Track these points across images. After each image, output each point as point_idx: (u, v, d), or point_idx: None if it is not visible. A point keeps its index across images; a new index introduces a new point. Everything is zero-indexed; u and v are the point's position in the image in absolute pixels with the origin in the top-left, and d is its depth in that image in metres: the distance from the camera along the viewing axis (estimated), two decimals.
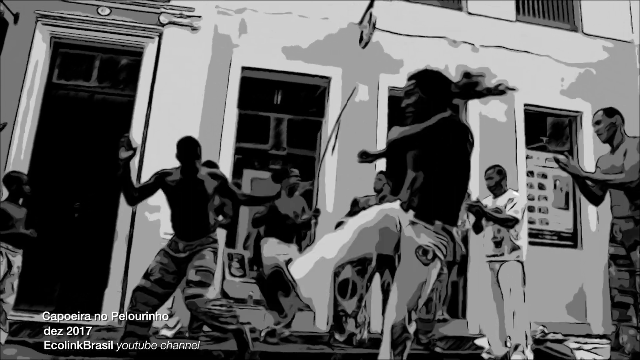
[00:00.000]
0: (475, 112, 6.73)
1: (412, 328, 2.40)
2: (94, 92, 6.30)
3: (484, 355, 4.78)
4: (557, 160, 3.57)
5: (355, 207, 5.39)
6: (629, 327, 3.51)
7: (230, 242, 6.31)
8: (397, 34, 6.61)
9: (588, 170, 3.72)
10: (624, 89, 7.01)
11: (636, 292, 3.46)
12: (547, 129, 7.08)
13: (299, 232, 5.45)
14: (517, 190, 5.17)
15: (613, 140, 3.69)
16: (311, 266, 2.36)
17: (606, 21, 7.25)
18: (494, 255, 4.67)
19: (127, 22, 6.13)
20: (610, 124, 3.69)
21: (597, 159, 3.88)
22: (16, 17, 5.96)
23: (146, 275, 3.73)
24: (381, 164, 5.93)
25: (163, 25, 6.18)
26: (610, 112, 3.75)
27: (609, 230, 3.70)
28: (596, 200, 3.82)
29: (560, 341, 5.50)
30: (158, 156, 5.87)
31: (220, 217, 5.31)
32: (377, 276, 5.33)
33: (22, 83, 5.92)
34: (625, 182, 3.43)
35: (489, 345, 4.74)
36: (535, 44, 6.96)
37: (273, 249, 5.28)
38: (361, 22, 6.33)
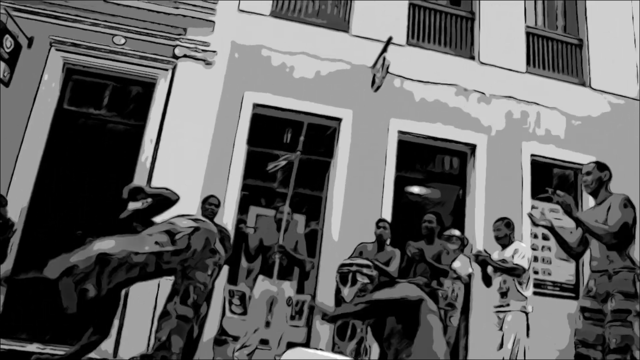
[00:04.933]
0: (482, 161, 6.78)
1: None
2: (104, 120, 6.28)
3: None
4: (554, 193, 3.67)
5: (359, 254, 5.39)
6: None
7: (232, 278, 6.24)
8: (409, 79, 6.68)
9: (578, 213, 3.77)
10: (628, 144, 7.11)
11: (602, 345, 3.50)
12: (553, 180, 7.14)
13: (289, 268, 5.39)
14: (523, 242, 5.26)
15: (598, 193, 3.78)
16: None
17: (613, 77, 7.39)
18: (500, 306, 4.77)
19: (141, 52, 6.14)
20: (599, 177, 3.77)
21: (584, 212, 4.00)
22: (30, 41, 5.96)
23: None
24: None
25: (177, 57, 6.20)
26: (602, 166, 3.83)
27: (585, 284, 3.77)
28: (575, 255, 3.96)
29: None
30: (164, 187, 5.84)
31: None
32: None
33: (31, 107, 5.89)
34: (607, 233, 3.50)
35: None
36: (544, 96, 7.07)
37: (260, 286, 5.31)
38: (374, 65, 6.39)
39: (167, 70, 6.22)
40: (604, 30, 7.66)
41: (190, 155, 6.01)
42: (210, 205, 5.34)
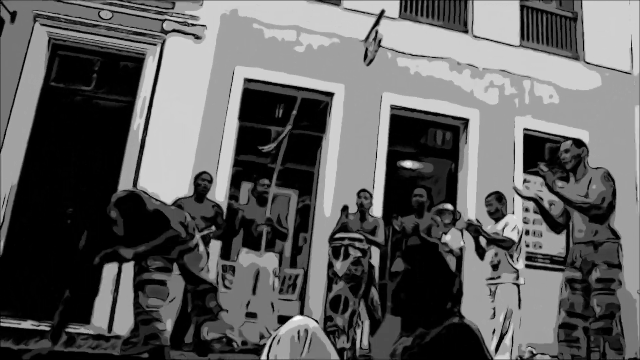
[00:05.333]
0: (475, 136, 6.77)
1: None
2: (92, 96, 6.17)
3: None
4: (539, 167, 3.76)
5: (344, 213, 5.42)
6: (570, 347, 3.64)
7: (225, 253, 6.26)
8: (402, 53, 6.61)
9: (561, 187, 3.86)
10: (621, 118, 7.12)
11: (587, 315, 3.59)
12: (546, 154, 7.15)
13: (272, 240, 5.45)
14: (515, 215, 5.30)
15: (577, 170, 3.84)
16: None
17: (607, 51, 7.36)
18: (491, 278, 4.83)
19: (129, 27, 6.01)
20: (577, 154, 3.83)
21: (562, 187, 4.00)
22: (13, 15, 5.80)
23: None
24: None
25: (166, 32, 6.08)
26: (579, 143, 3.90)
27: (569, 255, 3.85)
28: (557, 228, 4.06)
29: None
30: (155, 165, 5.80)
31: (213, 228, 5.30)
32: None
33: (17, 84, 5.75)
34: (590, 205, 3.58)
35: None
36: (537, 70, 7.04)
37: (245, 259, 5.38)
38: (366, 39, 6.31)
39: (155, 45, 6.09)
40: (599, 4, 7.59)
41: (181, 131, 5.94)
42: (202, 182, 5.33)
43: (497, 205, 5.00)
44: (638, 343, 6.40)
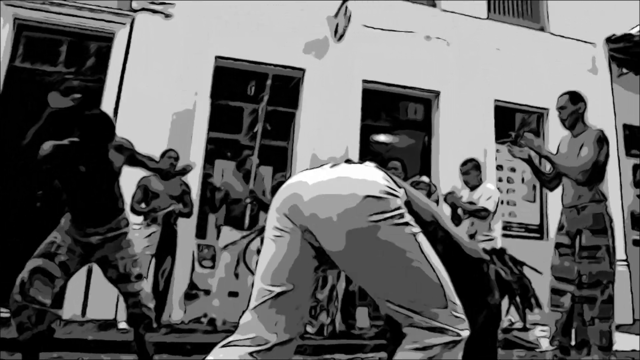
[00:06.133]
0: (446, 107, 6.83)
1: None
2: (60, 78, 6.08)
3: None
4: (521, 136, 3.65)
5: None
6: (555, 313, 3.59)
7: (201, 232, 6.20)
8: (372, 27, 6.63)
9: (549, 152, 3.76)
10: (584, 87, 7.22)
11: (574, 280, 3.51)
12: (516, 125, 7.25)
13: (256, 216, 5.39)
14: (491, 184, 5.33)
15: (575, 127, 3.66)
16: None
17: (570, 22, 7.47)
18: None
19: (97, 6, 5.94)
20: (574, 110, 3.65)
21: (560, 140, 3.89)
22: None
23: (48, 256, 3.14)
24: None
25: (135, 11, 6.02)
26: (575, 99, 3.68)
27: (558, 220, 3.75)
28: (551, 184, 3.91)
29: (526, 329, 5.63)
30: None
31: (180, 206, 5.23)
32: None
33: None
34: (577, 171, 3.46)
35: None
36: (505, 42, 7.14)
37: (227, 237, 5.30)
38: (337, 14, 6.34)
39: (124, 24, 6.04)
40: None
41: (153, 111, 5.88)
42: (169, 159, 5.26)
43: (473, 173, 5.01)
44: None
